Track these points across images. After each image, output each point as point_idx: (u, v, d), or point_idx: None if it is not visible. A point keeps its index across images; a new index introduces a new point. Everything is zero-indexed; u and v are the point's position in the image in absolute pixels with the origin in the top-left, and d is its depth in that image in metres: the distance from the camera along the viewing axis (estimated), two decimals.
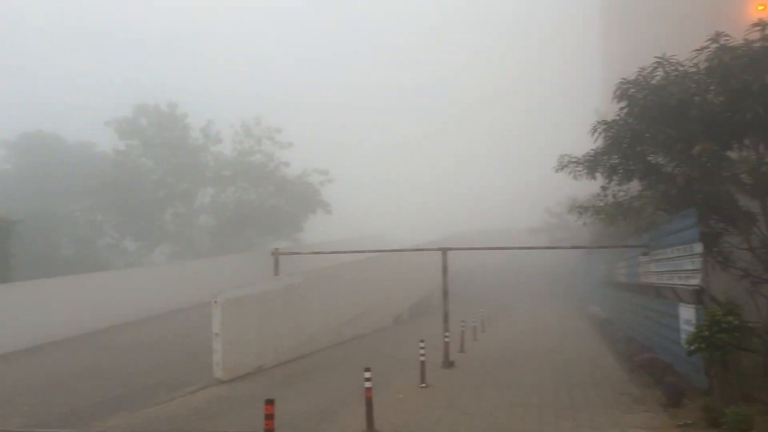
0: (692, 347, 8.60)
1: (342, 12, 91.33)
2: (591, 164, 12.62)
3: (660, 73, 11.25)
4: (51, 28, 76.13)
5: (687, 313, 10.10)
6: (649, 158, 12.27)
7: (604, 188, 13.02)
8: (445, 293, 15.55)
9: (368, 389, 8.38)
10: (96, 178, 34.79)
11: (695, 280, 9.83)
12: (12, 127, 37.84)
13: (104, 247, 36.84)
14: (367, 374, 8.43)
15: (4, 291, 18.35)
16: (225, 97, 59.27)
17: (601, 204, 13.01)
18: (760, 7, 16.89)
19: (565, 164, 13.20)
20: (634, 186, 13.11)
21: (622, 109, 11.92)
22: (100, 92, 58.89)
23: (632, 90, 11.47)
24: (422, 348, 11.96)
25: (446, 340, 14.65)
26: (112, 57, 78.29)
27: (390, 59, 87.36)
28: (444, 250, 15.45)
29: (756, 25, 10.08)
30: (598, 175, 12.79)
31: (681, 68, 11.09)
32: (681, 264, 10.58)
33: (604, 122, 12.30)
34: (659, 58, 11.33)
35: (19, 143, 36.33)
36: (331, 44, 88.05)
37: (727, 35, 10.30)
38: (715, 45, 10.26)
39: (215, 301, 13.21)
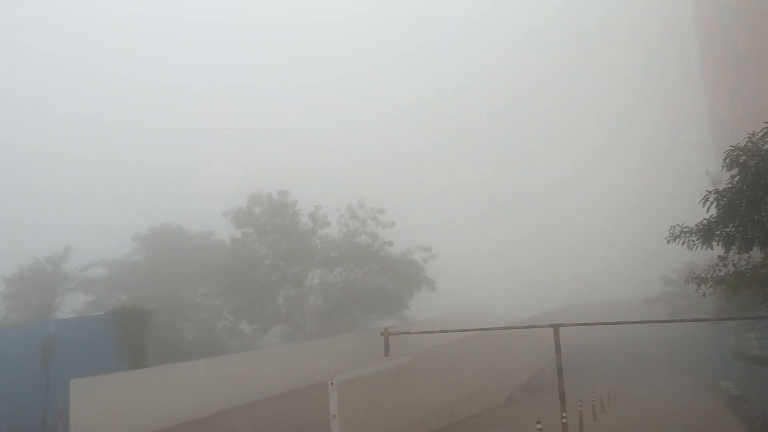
0: None
1: (436, 93, 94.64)
2: (706, 234, 12.20)
3: None
4: (169, 126, 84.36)
5: None
6: None
7: (722, 258, 12.49)
8: (560, 371, 15.14)
9: None
10: (215, 264, 37.62)
11: None
12: (143, 222, 41.74)
13: (222, 330, 38.88)
14: None
15: (139, 377, 19.81)
16: (331, 183, 62.29)
17: (722, 274, 12.45)
18: None
19: (677, 234, 12.84)
20: (756, 253, 12.49)
21: (733, 177, 11.59)
22: (217, 184, 63.65)
23: (743, 157, 11.18)
24: (539, 430, 11.70)
25: (564, 420, 14.17)
26: (226, 151, 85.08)
27: (473, 133, 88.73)
28: (556, 327, 15.18)
29: None
30: (714, 244, 12.33)
31: None
32: None
33: (716, 191, 11.97)
34: None
35: (148, 236, 39.96)
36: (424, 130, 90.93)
37: None
38: None
39: (331, 383, 13.62)
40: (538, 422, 11.63)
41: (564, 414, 14.25)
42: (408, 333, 19.51)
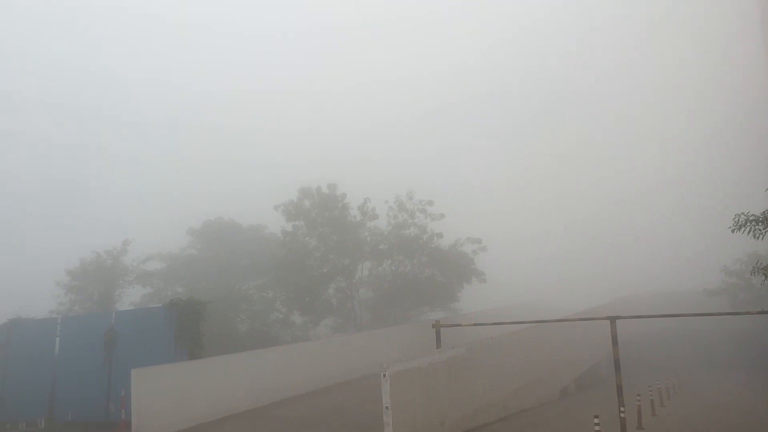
0: None
1: (486, 79, 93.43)
2: None
3: None
4: (222, 123, 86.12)
5: None
6: None
7: None
8: (617, 364, 14.75)
9: None
10: (267, 257, 38.31)
11: None
12: (197, 216, 42.83)
13: (274, 322, 39.53)
14: None
15: (196, 367, 20.30)
16: (380, 175, 62.48)
17: None
18: None
19: (742, 223, 12.33)
20: None
21: None
22: (268, 178, 64.75)
23: None
24: (597, 425, 11.44)
25: (622, 415, 13.82)
26: (277, 146, 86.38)
27: (530, 124, 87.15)
28: (613, 319, 14.80)
29: None
30: None
31: None
32: None
33: None
34: None
35: (202, 230, 40.96)
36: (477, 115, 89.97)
37: None
38: None
39: (384, 375, 13.66)
40: (596, 417, 11.36)
41: (622, 408, 13.90)
42: (460, 325, 19.39)
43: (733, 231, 12.59)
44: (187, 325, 21.55)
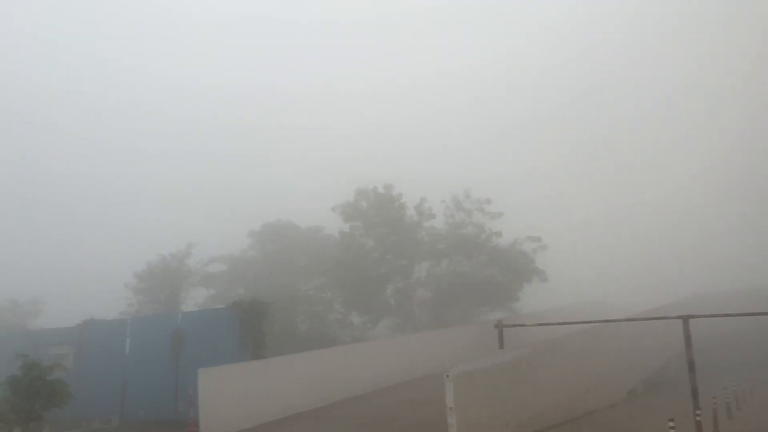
0: None
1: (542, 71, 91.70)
2: None
3: None
4: (279, 124, 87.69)
5: None
6: None
7: None
8: (691, 365, 14.12)
9: None
10: (325, 258, 38.71)
11: None
12: (256, 218, 43.68)
13: (333, 322, 39.88)
14: None
15: (260, 367, 20.62)
16: (436, 174, 62.21)
17: None
18: None
19: None
20: None
21: None
22: (325, 180, 65.50)
23: None
24: (672, 428, 10.95)
25: (698, 418, 13.20)
26: (333, 147, 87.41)
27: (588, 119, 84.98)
28: (685, 318, 14.16)
29: None
30: None
31: None
32: None
33: None
34: None
35: (262, 232, 41.77)
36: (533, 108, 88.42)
37: None
38: None
39: (447, 375, 13.50)
40: (671, 420, 10.87)
41: (698, 411, 13.28)
42: (524, 325, 19.00)
43: None
44: (250, 325, 21.92)
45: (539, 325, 17.97)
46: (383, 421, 18.91)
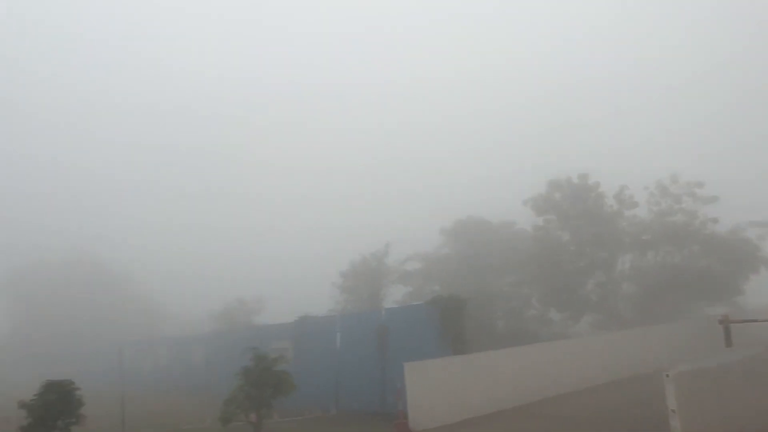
0: None
1: None
2: None
3: None
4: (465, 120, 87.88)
5: None
6: None
7: None
8: None
9: None
10: (520, 253, 37.90)
11: None
12: (449, 216, 44.28)
13: (531, 318, 38.94)
14: None
15: (462, 362, 20.82)
16: (636, 159, 58.08)
17: None
18: None
19: None
20: None
21: None
22: (515, 175, 64.46)
23: None
24: None
25: None
26: (522, 139, 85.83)
27: None
28: None
29: None
30: None
31: None
32: None
33: None
34: None
35: (455, 229, 42.24)
36: None
37: None
38: None
39: (667, 375, 12.47)
40: None
41: None
42: (755, 321, 16.89)
43: None
44: (450, 321, 22.23)
45: None
46: (590, 423, 18.00)
